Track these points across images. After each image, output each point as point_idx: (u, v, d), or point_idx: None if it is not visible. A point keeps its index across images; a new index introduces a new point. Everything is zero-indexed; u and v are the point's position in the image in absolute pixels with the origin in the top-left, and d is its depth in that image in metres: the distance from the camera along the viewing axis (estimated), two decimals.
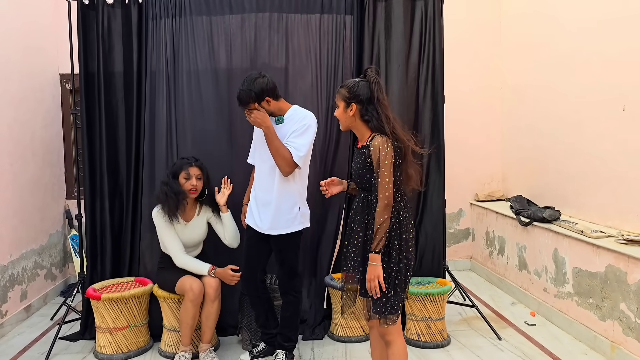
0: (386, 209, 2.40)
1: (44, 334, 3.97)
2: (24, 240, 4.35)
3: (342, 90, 2.56)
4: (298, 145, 3.04)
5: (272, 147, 3.04)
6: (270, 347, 3.36)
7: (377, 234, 2.40)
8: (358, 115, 2.53)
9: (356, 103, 2.51)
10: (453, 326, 3.94)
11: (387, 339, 2.56)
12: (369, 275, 2.42)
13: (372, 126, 2.50)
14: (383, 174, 2.40)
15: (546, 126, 4.49)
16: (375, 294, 2.43)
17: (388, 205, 2.40)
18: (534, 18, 4.69)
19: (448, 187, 4.15)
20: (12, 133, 4.22)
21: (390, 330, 2.53)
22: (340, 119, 2.60)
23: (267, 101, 3.08)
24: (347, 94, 2.53)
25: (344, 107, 2.55)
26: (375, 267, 2.41)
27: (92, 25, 3.76)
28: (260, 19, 3.78)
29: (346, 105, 2.54)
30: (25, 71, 4.46)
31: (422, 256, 3.91)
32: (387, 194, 2.39)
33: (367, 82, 2.52)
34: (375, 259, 2.41)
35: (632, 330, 3.13)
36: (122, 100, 3.81)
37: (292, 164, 3.04)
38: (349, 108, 2.53)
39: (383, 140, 2.43)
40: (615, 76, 3.59)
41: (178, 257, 3.39)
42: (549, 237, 4.01)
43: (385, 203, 2.39)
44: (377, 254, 2.41)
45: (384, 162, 2.40)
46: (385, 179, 2.40)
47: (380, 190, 2.40)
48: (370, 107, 2.50)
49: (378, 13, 3.80)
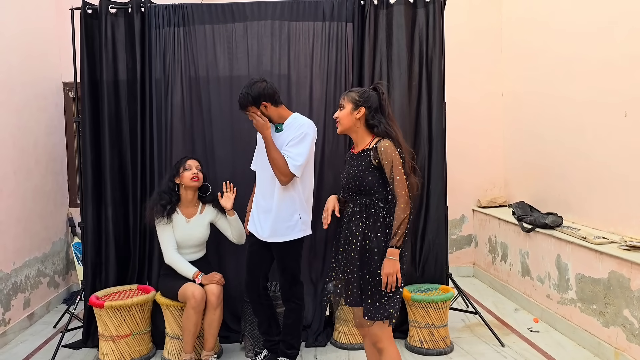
0: (407, 206, 2.45)
1: (46, 342, 3.97)
2: (27, 248, 4.36)
3: (352, 94, 2.63)
4: (294, 155, 3.05)
5: (270, 156, 3.06)
6: (273, 355, 3.35)
7: (400, 230, 2.43)
8: (363, 120, 2.60)
9: (365, 107, 2.58)
10: (456, 333, 3.93)
11: (379, 346, 2.55)
12: (388, 270, 2.43)
13: (379, 131, 2.56)
14: (400, 172, 2.47)
15: (548, 132, 4.50)
16: (390, 289, 2.45)
17: (408, 202, 2.46)
18: (535, 24, 4.70)
19: (450, 194, 4.15)
20: (16, 141, 4.24)
21: (381, 338, 2.53)
22: (342, 120, 2.63)
23: (265, 106, 3.09)
24: (357, 97, 2.60)
25: (351, 108, 2.60)
26: (395, 262, 2.43)
27: (95, 33, 3.79)
28: (262, 26, 3.81)
29: (355, 107, 2.60)
30: (28, 79, 4.48)
31: (424, 263, 3.90)
32: (404, 192, 2.46)
33: (378, 93, 2.61)
34: (395, 253, 2.44)
35: (636, 337, 3.12)
36: (126, 109, 3.83)
37: (288, 174, 3.05)
38: (357, 111, 2.59)
39: (391, 143, 2.51)
40: (617, 82, 3.59)
41: (167, 253, 3.43)
42: (551, 243, 4.00)
43: (406, 200, 2.45)
44: (397, 249, 2.44)
45: (399, 161, 2.47)
46: (403, 176, 2.47)
47: (400, 188, 2.46)
48: (377, 115, 2.59)
49: (379, 21, 3.82)
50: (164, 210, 3.42)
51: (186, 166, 3.45)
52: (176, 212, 3.48)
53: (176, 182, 3.48)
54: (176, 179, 3.47)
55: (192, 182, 3.44)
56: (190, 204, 3.52)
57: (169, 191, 3.47)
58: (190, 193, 3.49)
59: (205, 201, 3.56)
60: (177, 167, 3.48)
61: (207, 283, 3.35)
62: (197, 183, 3.46)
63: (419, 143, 3.89)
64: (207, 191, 3.55)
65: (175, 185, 3.48)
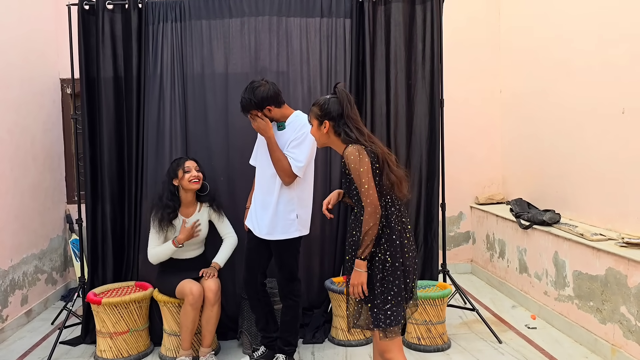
0: (371, 216, 2.35)
1: (44, 339, 3.97)
2: (24, 244, 4.35)
3: (314, 109, 2.57)
4: (297, 156, 3.05)
5: (273, 158, 3.06)
6: (271, 351, 3.36)
7: (364, 241, 2.35)
8: (332, 132, 2.52)
9: (328, 120, 2.51)
10: (453, 330, 3.93)
11: (386, 357, 2.45)
12: (353, 281, 2.39)
13: (343, 139, 2.49)
14: (361, 181, 2.36)
15: (546, 129, 4.50)
16: (357, 297, 2.39)
17: (373, 212, 2.35)
18: (534, 22, 4.70)
19: (448, 191, 4.16)
20: (13, 138, 4.23)
21: (390, 347, 2.43)
22: (315, 136, 2.61)
23: (269, 109, 3.10)
24: (319, 111, 2.54)
25: (317, 125, 2.55)
26: (360, 274, 2.37)
27: (92, 30, 3.77)
28: (260, 22, 3.79)
29: (319, 123, 2.54)
30: (25, 76, 4.47)
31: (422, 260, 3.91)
32: (369, 200, 2.35)
33: (337, 98, 2.51)
34: (360, 265, 2.37)
35: (633, 334, 3.13)
36: (123, 105, 3.81)
37: (291, 175, 3.06)
38: (322, 125, 2.53)
39: (355, 148, 2.40)
40: (615, 79, 3.59)
41: (149, 251, 3.44)
42: (549, 240, 4.01)
43: (369, 210, 2.35)
44: (363, 261, 2.37)
45: (360, 170, 2.36)
46: (365, 185, 2.35)
47: (363, 198, 2.36)
48: (341, 122, 2.49)
49: (377, 17, 3.81)
50: (169, 219, 3.39)
51: (185, 168, 3.40)
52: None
53: (175, 185, 3.44)
54: (174, 180, 3.43)
55: (192, 185, 3.40)
56: (189, 204, 3.50)
57: (171, 197, 3.41)
58: (190, 195, 3.47)
59: (203, 200, 3.54)
60: (175, 169, 3.42)
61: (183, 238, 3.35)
62: (197, 185, 3.42)
63: (415, 141, 3.89)
64: (206, 190, 3.53)
65: (175, 188, 3.43)
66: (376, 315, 2.40)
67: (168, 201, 3.40)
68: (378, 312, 2.40)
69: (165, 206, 3.40)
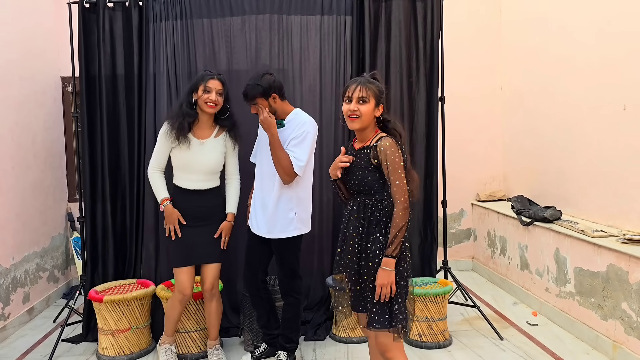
0: (405, 213, 2.28)
1: (46, 337, 3.98)
2: (26, 243, 4.36)
3: (374, 87, 2.37)
4: (298, 155, 3.03)
5: (274, 156, 3.03)
6: (272, 348, 3.36)
7: (397, 239, 2.27)
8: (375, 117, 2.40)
9: (383, 104, 2.41)
10: (455, 326, 3.94)
11: (388, 355, 2.37)
12: (382, 281, 2.27)
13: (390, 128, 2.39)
14: (400, 176, 2.29)
15: (547, 126, 4.49)
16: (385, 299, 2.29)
17: (407, 209, 2.29)
18: (535, 18, 4.69)
19: (449, 188, 4.16)
20: (14, 136, 4.23)
21: (391, 346, 2.34)
22: (365, 115, 2.36)
23: (274, 98, 3.06)
24: (378, 92, 2.38)
25: (374, 104, 2.37)
26: (390, 273, 2.27)
27: (93, 28, 3.77)
28: (261, 20, 3.79)
29: (377, 103, 2.37)
30: (26, 74, 4.47)
31: (421, 257, 3.92)
32: (403, 197, 2.28)
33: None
34: (391, 264, 2.28)
35: (634, 330, 3.13)
36: (124, 103, 3.82)
37: (292, 174, 3.04)
38: (378, 108, 2.39)
39: (393, 142, 2.32)
40: (616, 75, 3.59)
41: (150, 170, 3.25)
42: (550, 236, 4.01)
43: (404, 207, 2.29)
44: (394, 259, 2.28)
45: (400, 165, 2.30)
46: (403, 181, 2.29)
47: (399, 194, 2.29)
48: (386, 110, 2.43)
49: (378, 15, 3.82)
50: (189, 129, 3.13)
51: (207, 87, 3.10)
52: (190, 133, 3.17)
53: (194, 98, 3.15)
54: (194, 94, 3.14)
55: (207, 108, 3.11)
56: (205, 125, 3.20)
57: (189, 106, 3.12)
58: (206, 116, 3.19)
59: (222, 124, 3.25)
60: (197, 83, 3.13)
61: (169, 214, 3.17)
62: (212, 110, 3.13)
63: (415, 138, 3.90)
64: (226, 113, 3.21)
65: (195, 101, 3.14)
66: (397, 315, 2.32)
67: (189, 110, 3.13)
68: (399, 311, 2.32)
69: (187, 114, 3.11)
